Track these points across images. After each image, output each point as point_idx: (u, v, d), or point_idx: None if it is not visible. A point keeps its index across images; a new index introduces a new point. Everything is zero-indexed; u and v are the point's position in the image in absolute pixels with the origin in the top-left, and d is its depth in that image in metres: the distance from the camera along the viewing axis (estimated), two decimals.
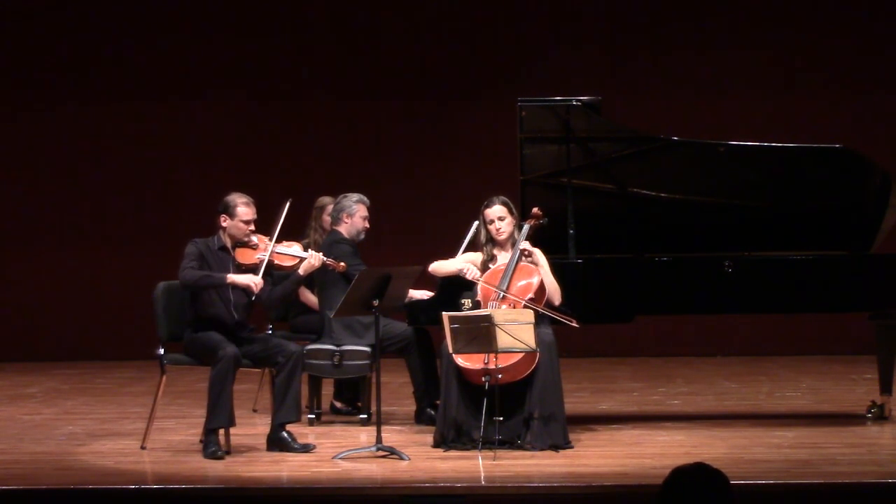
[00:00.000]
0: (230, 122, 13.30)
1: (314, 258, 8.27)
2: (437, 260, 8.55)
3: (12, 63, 13.30)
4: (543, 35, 13.15)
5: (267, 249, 8.17)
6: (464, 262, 8.39)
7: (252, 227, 8.21)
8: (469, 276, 8.28)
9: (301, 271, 8.25)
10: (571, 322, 8.07)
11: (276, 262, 8.23)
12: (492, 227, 8.34)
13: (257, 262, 8.17)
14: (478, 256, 8.42)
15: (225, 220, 8.21)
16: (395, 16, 13.27)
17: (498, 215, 8.34)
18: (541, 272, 8.23)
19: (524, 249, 8.22)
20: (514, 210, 8.38)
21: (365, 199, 9.30)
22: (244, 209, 8.19)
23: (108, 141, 13.30)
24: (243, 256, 8.20)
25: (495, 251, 8.38)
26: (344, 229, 9.22)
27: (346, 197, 9.29)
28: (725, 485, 4.25)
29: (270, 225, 8.22)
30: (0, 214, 13.35)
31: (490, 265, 8.34)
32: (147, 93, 13.24)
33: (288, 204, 8.24)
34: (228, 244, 8.22)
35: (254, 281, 8.08)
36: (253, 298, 8.15)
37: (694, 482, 4.26)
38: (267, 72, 13.28)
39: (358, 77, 13.27)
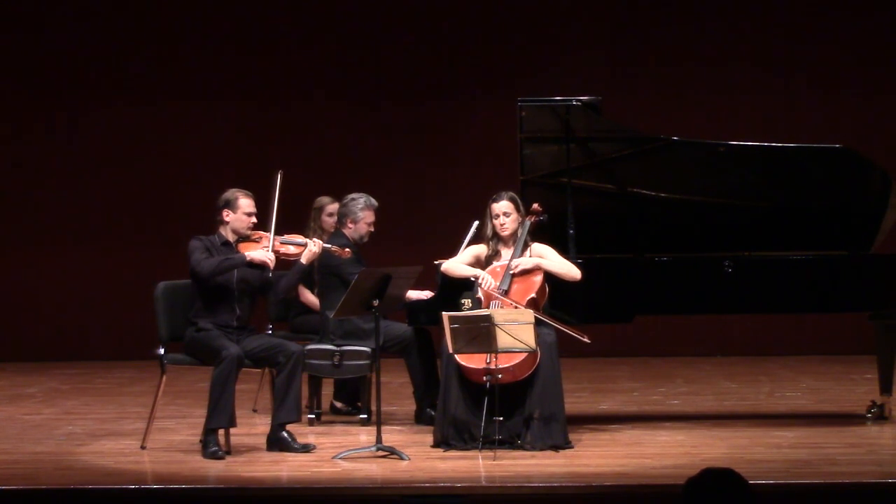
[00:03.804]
0: (229, 123, 13.29)
1: (315, 245, 8.29)
2: (441, 259, 8.52)
3: (16, 68, 13.29)
4: (544, 35, 13.14)
5: (269, 241, 8.19)
6: (479, 270, 8.29)
7: (254, 220, 8.23)
8: (484, 286, 8.22)
9: (304, 260, 8.26)
10: (583, 338, 8.06)
11: (280, 251, 8.24)
12: (496, 222, 8.33)
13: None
14: (482, 249, 8.41)
15: (227, 215, 8.23)
16: (395, 16, 13.26)
17: (504, 210, 8.33)
18: (545, 265, 8.22)
19: (515, 272, 8.20)
20: (521, 207, 8.35)
21: (373, 201, 9.18)
22: (246, 200, 8.23)
23: (107, 142, 13.29)
24: (247, 250, 8.22)
25: (500, 247, 8.37)
26: (348, 233, 9.18)
27: (353, 201, 9.18)
28: (751, 495, 4.26)
29: (266, 215, 8.22)
30: (0, 215, 13.35)
31: (494, 261, 8.34)
32: (147, 95, 13.23)
33: (280, 176, 8.23)
34: (231, 239, 8.23)
35: (268, 257, 8.13)
36: (269, 274, 8.17)
37: (721, 485, 4.26)
38: (267, 73, 13.27)
39: (358, 78, 13.26)
